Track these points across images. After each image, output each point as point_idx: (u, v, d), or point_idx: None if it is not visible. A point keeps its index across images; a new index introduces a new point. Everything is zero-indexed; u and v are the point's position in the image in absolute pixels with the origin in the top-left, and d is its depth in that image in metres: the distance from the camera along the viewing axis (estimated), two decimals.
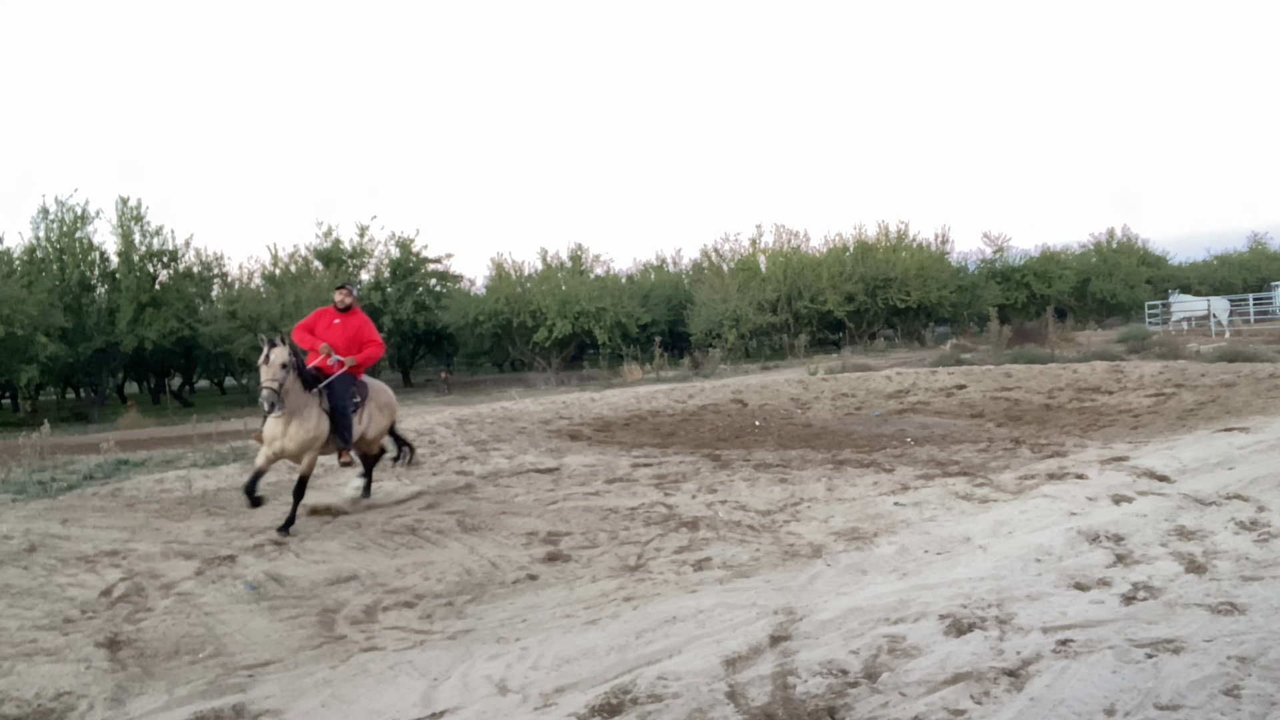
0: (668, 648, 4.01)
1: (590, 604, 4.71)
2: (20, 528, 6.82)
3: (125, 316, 27.99)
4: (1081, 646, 3.68)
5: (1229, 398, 10.93)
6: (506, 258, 38.24)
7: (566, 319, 29.83)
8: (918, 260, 34.17)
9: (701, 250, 40.17)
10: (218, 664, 4.11)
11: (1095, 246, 42.91)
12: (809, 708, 3.30)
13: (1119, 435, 9.27)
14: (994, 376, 15.60)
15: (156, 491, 8.53)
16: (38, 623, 4.70)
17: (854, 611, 4.26)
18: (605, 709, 3.40)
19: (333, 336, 7.28)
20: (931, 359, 21.04)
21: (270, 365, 6.36)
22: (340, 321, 7.40)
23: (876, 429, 11.22)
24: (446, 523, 6.68)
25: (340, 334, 7.30)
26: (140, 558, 5.97)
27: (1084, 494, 6.41)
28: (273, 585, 5.30)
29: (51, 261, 28.41)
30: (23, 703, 3.69)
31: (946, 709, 3.22)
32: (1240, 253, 48.97)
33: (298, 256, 32.16)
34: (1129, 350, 19.57)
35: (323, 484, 8.33)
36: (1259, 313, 32.54)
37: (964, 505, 6.37)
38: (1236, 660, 3.43)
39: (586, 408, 15.22)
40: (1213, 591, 4.26)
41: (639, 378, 23.60)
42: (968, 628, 3.98)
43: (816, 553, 5.38)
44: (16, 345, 23.60)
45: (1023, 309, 36.85)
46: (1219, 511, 5.74)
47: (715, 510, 6.63)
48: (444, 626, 4.53)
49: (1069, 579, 4.59)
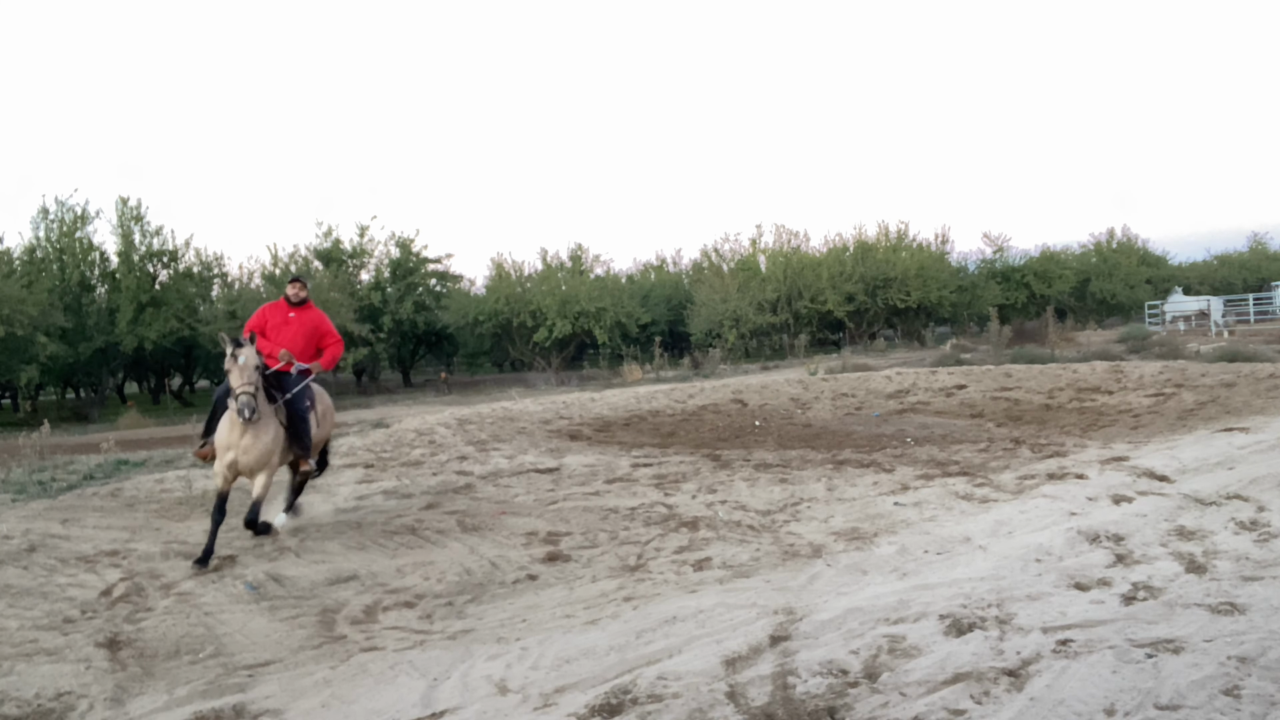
0: (668, 648, 4.01)
1: (590, 604, 4.71)
2: (20, 528, 6.82)
3: (125, 316, 28.00)
4: (1081, 646, 3.68)
5: (1229, 398, 10.93)
6: (506, 258, 38.35)
7: (566, 319, 29.83)
8: (918, 260, 34.18)
9: (701, 250, 40.24)
10: (218, 664, 4.11)
11: (1095, 246, 42.96)
12: (809, 708, 3.30)
13: (1119, 435, 9.27)
14: (994, 376, 15.60)
15: (156, 491, 8.53)
16: (38, 623, 4.70)
17: (854, 611, 4.26)
18: (605, 709, 3.40)
19: (288, 334, 6.52)
20: (931, 359, 21.04)
21: (244, 368, 5.69)
22: (295, 316, 6.60)
23: (876, 429, 11.22)
24: (446, 523, 6.67)
25: (297, 331, 6.55)
26: (140, 558, 5.97)
27: (1084, 494, 6.41)
28: (273, 585, 5.30)
29: (51, 261, 28.43)
30: (23, 703, 3.69)
31: (946, 709, 3.21)
32: (1240, 253, 49.03)
33: (298, 256, 32.15)
34: (1129, 350, 19.57)
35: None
36: (1259, 313, 32.53)
37: (964, 505, 6.37)
38: (1236, 660, 3.43)
39: (586, 408, 15.22)
40: (1213, 591, 4.26)
41: (639, 378, 23.60)
42: (968, 628, 3.98)
43: (816, 553, 5.38)
44: (16, 345, 23.60)
45: (1023, 309, 36.86)
46: (1219, 511, 5.74)
47: (715, 510, 6.63)
48: (444, 626, 4.52)
49: (1069, 579, 4.59)
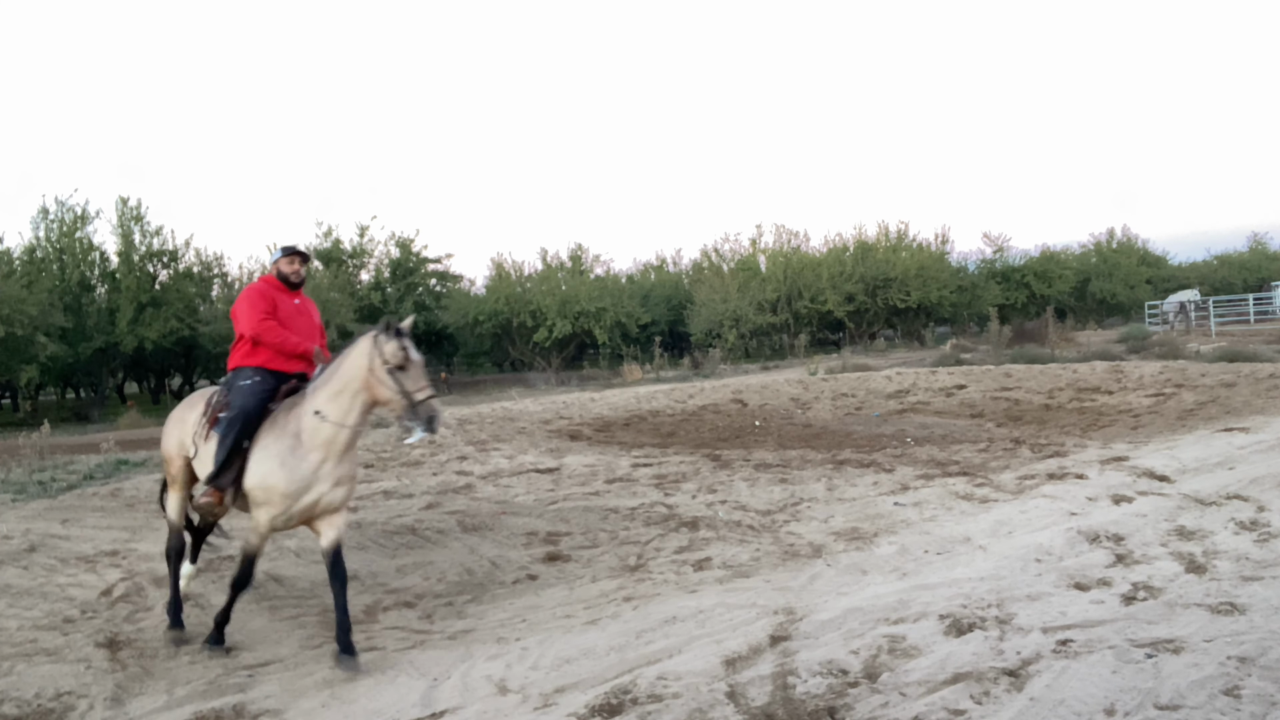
0: (668, 648, 4.01)
1: (590, 604, 4.71)
2: (20, 528, 6.82)
3: (125, 316, 27.99)
4: (1081, 646, 3.68)
5: (1229, 398, 10.93)
6: (506, 258, 38.33)
7: (566, 319, 29.83)
8: (918, 260, 34.16)
9: (701, 250, 40.21)
10: (218, 664, 4.11)
11: (1095, 246, 42.97)
12: (809, 708, 3.30)
13: (1119, 435, 9.27)
14: (994, 376, 15.59)
15: (157, 491, 8.52)
16: (38, 623, 4.70)
17: (854, 611, 4.26)
18: (605, 709, 3.40)
19: (304, 326, 4.78)
20: (931, 359, 21.04)
21: (420, 366, 4.13)
22: (300, 303, 4.85)
23: (876, 429, 11.22)
24: (447, 523, 6.67)
25: (311, 323, 4.85)
26: (140, 558, 5.97)
27: (1084, 494, 6.41)
28: (273, 585, 5.30)
29: (51, 261, 28.43)
30: (23, 703, 3.70)
31: (946, 709, 3.21)
32: (1240, 253, 49.00)
33: None
34: (1129, 350, 19.56)
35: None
36: (1259, 313, 32.52)
37: (964, 505, 6.37)
38: (1236, 660, 3.43)
39: (586, 408, 15.21)
40: (1213, 591, 4.26)
41: (639, 378, 23.59)
42: (968, 628, 3.98)
43: (816, 553, 5.38)
44: (16, 345, 23.58)
45: (1023, 309, 36.83)
46: (1219, 511, 5.74)
47: (715, 510, 6.63)
48: (444, 626, 4.53)
49: (1069, 579, 4.59)
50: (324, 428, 4.11)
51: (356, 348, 4.19)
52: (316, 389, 4.23)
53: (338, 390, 4.14)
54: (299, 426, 4.17)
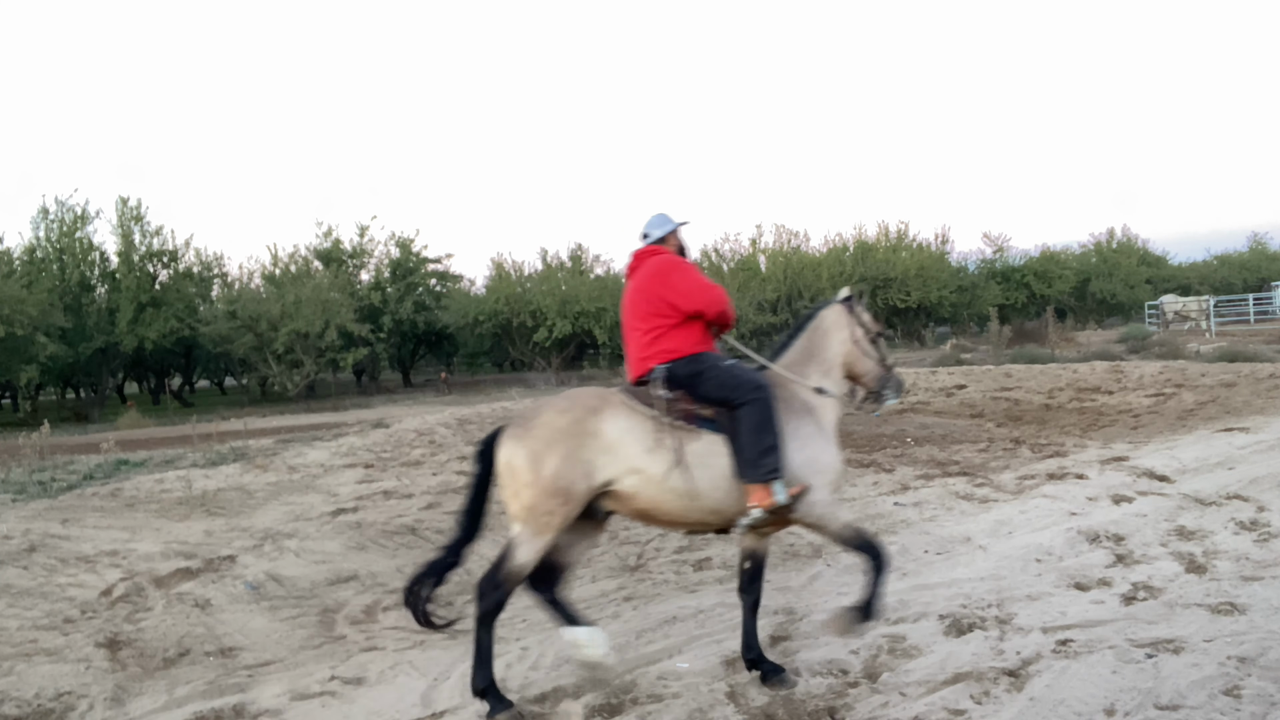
0: (668, 648, 4.01)
1: (590, 604, 4.71)
2: (20, 528, 6.81)
3: (125, 316, 27.98)
4: (1081, 646, 3.68)
5: (1229, 398, 10.92)
6: (506, 258, 38.28)
7: (566, 319, 29.80)
8: (918, 260, 34.19)
9: (701, 250, 40.15)
10: (218, 664, 4.11)
11: (1095, 246, 43.01)
12: (809, 708, 3.30)
13: (1119, 435, 9.27)
14: (994, 376, 15.58)
15: (156, 491, 8.52)
16: (38, 623, 4.70)
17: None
18: (605, 709, 3.40)
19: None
20: (931, 359, 21.03)
21: None
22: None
23: (876, 429, 11.22)
24: (446, 523, 6.66)
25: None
26: (140, 558, 5.96)
27: (1084, 494, 6.41)
28: (273, 585, 5.30)
29: (51, 261, 28.42)
30: (23, 703, 3.69)
31: (946, 709, 3.21)
32: (1240, 253, 49.00)
33: (298, 256, 32.13)
34: (1129, 350, 19.56)
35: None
36: (1258, 313, 32.53)
37: (964, 505, 6.37)
38: (1236, 660, 3.43)
39: None
40: (1213, 591, 4.26)
41: None
42: (968, 628, 3.98)
43: (816, 553, 5.38)
44: (16, 345, 23.57)
45: (1023, 309, 36.86)
46: (1219, 511, 5.74)
47: None
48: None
49: (1069, 579, 4.59)
50: (833, 404, 3.83)
51: (826, 319, 3.92)
52: (791, 366, 3.84)
53: (827, 366, 3.86)
54: (808, 406, 3.74)
